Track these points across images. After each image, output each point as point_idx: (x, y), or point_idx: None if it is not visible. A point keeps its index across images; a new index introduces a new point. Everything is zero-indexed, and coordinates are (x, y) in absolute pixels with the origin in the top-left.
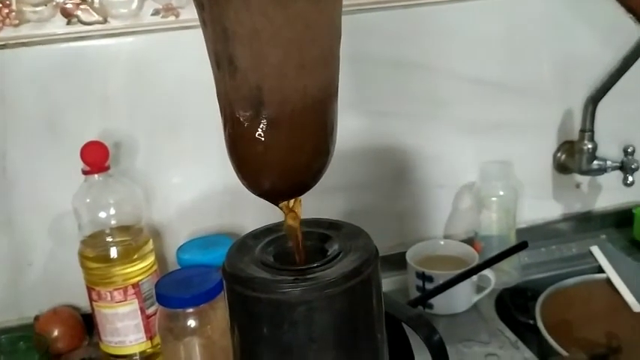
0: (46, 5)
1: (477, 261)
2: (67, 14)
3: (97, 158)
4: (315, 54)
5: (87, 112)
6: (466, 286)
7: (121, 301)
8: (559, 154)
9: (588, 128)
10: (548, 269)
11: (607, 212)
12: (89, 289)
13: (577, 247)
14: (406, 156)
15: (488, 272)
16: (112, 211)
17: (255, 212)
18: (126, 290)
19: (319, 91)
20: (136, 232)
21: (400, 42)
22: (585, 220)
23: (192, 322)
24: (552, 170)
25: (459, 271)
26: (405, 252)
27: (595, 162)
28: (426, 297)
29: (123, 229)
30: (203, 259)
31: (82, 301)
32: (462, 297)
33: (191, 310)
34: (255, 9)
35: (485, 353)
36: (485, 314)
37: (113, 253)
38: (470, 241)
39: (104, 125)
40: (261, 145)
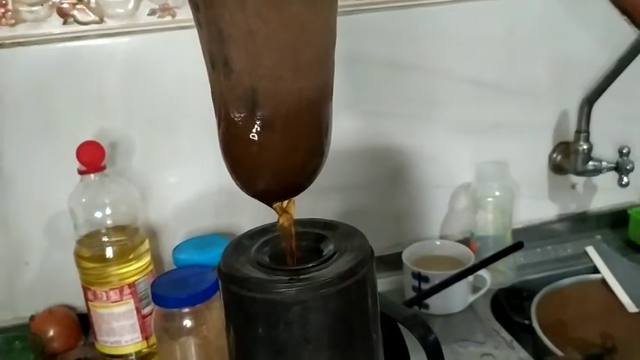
0: (42, 5)
1: (472, 261)
2: (64, 14)
3: (93, 158)
4: (310, 56)
5: (83, 112)
6: (462, 286)
7: (116, 301)
8: (555, 155)
9: (584, 129)
10: (544, 269)
11: (602, 213)
12: (85, 289)
13: (572, 248)
14: (402, 156)
15: (484, 272)
16: (107, 210)
17: (251, 212)
18: (122, 290)
19: (314, 93)
20: (131, 232)
21: (396, 43)
22: (581, 220)
23: (188, 322)
24: (548, 171)
25: (455, 272)
26: (401, 252)
27: (590, 163)
28: (421, 297)
29: (119, 229)
30: (199, 259)
31: (77, 301)
32: (458, 297)
33: (187, 310)
34: (251, 11)
35: (480, 353)
36: (480, 314)
37: (109, 252)
38: (466, 241)
39: (100, 125)
40: (256, 146)
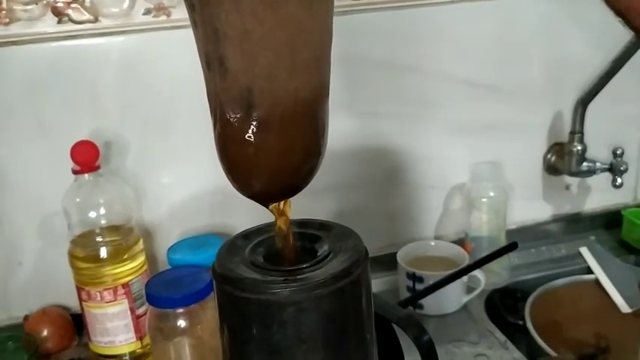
0: (36, 4)
1: (467, 262)
2: (58, 13)
3: (87, 158)
4: (306, 56)
5: (77, 112)
6: (456, 286)
7: (110, 301)
8: (549, 156)
9: (578, 130)
10: (538, 270)
11: (596, 213)
12: (79, 289)
13: (566, 248)
14: (397, 157)
15: (478, 273)
16: (102, 210)
17: (246, 212)
18: (116, 290)
19: (310, 93)
20: (126, 232)
21: (392, 43)
22: (574, 221)
23: (182, 323)
24: (542, 172)
25: (449, 272)
26: (395, 253)
27: (584, 164)
28: (416, 297)
29: (113, 229)
30: (193, 259)
31: (71, 301)
32: (452, 297)
33: (181, 310)
34: (246, 10)
35: (474, 353)
36: (475, 315)
37: (103, 253)
38: (460, 241)
39: (94, 124)
40: (252, 146)
